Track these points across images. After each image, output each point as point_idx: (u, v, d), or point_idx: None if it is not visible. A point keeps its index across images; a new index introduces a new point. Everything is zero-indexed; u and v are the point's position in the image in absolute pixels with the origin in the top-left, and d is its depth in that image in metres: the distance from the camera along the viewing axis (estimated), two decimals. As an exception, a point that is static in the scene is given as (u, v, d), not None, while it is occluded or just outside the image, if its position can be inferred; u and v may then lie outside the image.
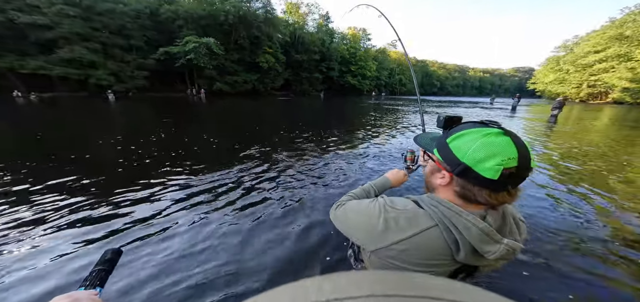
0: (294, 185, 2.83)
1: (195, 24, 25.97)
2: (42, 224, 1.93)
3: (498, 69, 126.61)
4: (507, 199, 0.47)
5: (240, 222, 2.02)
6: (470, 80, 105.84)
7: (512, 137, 0.46)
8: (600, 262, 1.67)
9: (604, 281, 1.50)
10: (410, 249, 0.51)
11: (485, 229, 0.47)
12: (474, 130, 0.48)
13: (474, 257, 0.49)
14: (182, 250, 1.66)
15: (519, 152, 0.44)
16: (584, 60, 41.11)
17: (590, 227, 2.11)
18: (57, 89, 20.98)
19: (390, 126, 7.70)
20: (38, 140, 4.79)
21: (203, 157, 3.84)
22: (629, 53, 33.54)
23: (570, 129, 8.41)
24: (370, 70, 48.26)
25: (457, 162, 0.48)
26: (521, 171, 0.44)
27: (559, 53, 50.69)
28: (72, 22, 19.49)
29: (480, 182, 0.46)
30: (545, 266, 1.60)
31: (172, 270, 1.48)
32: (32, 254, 1.61)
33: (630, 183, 3.26)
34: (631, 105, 30.27)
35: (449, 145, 0.50)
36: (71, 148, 4.12)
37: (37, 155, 3.73)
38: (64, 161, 3.46)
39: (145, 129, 6.18)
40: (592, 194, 2.82)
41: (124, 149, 4.17)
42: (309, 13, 42.06)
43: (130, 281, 1.39)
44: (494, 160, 0.44)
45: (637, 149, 5.47)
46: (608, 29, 38.56)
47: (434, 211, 0.51)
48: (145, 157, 3.72)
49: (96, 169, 3.12)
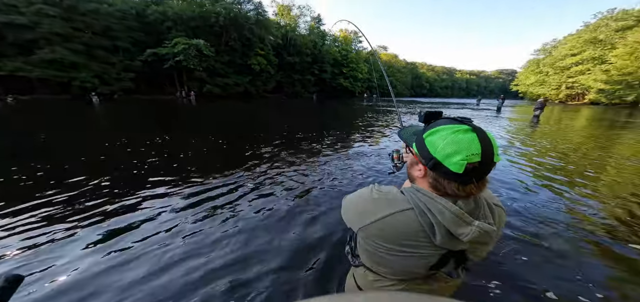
0: (293, 187, 2.86)
1: (184, 25, 25.43)
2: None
3: (483, 71, 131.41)
4: (474, 190, 0.51)
5: (241, 225, 2.03)
6: (458, 82, 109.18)
7: (478, 134, 0.49)
8: (577, 245, 1.84)
9: (580, 263, 1.65)
10: (386, 228, 0.56)
11: (456, 212, 0.50)
12: (447, 127, 0.52)
13: (451, 241, 0.52)
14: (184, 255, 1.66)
15: (482, 148, 0.47)
16: (562, 63, 43.36)
17: (572, 216, 2.28)
18: (37, 92, 19.95)
19: (385, 126, 7.86)
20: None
21: (191, 162, 3.80)
22: (603, 56, 35.65)
23: (551, 128, 8.88)
24: (361, 73, 48.82)
25: (430, 156, 0.52)
26: (484, 165, 0.48)
27: (539, 56, 53.21)
28: (52, 22, 18.63)
29: (449, 176, 0.50)
30: (540, 250, 1.75)
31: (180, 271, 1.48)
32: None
33: (606, 177, 3.51)
34: (606, 106, 32.09)
35: (425, 140, 0.55)
36: (41, 156, 3.96)
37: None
38: (26, 168, 3.32)
39: (128, 132, 6.01)
40: (572, 188, 3.02)
41: (93, 155, 4.05)
42: (301, 15, 42.18)
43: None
44: (459, 155, 0.47)
45: (612, 147, 5.87)
46: (583, 33, 40.90)
47: (412, 196, 0.56)
48: (121, 166, 3.60)
49: (58, 182, 2.83)
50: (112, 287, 1.37)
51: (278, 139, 5.50)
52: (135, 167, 3.40)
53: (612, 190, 3.03)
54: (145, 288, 1.37)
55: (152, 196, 2.52)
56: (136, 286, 1.39)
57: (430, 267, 0.59)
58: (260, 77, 32.38)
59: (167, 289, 1.37)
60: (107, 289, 1.36)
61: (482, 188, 0.52)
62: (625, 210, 2.48)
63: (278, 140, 5.35)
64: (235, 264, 1.57)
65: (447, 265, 0.59)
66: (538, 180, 3.31)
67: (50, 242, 1.76)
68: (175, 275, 1.47)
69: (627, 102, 31.09)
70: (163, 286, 1.39)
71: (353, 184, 3.02)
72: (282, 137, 5.65)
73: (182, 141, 5.08)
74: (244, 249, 1.72)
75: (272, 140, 5.34)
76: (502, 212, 0.63)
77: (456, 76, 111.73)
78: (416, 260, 0.57)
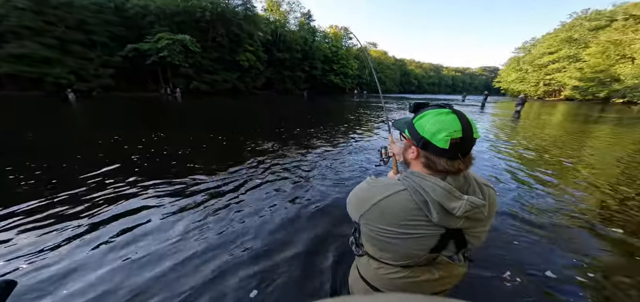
0: (295, 182, 2.83)
1: (168, 20, 24.33)
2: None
3: (468, 68, 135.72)
4: (461, 166, 0.57)
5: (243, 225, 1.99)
6: (445, 79, 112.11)
7: (458, 115, 0.57)
8: (553, 228, 1.95)
9: (556, 242, 1.76)
10: (385, 210, 0.60)
11: (446, 187, 0.55)
12: (431, 111, 0.60)
13: (446, 217, 0.56)
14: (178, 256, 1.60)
15: (462, 125, 0.55)
16: (540, 61, 45.62)
17: (556, 202, 2.41)
18: (6, 88, 18.49)
19: (376, 121, 7.95)
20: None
21: (184, 159, 3.67)
22: (578, 54, 37.82)
23: (531, 123, 9.34)
24: (352, 69, 49.00)
25: (419, 137, 0.59)
26: (465, 141, 0.55)
27: (519, 54, 55.68)
28: (21, 14, 17.27)
29: (437, 152, 0.56)
30: (531, 234, 1.83)
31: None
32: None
33: (582, 168, 3.74)
34: (580, 102, 34.18)
35: (414, 124, 0.62)
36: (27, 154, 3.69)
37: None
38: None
39: (104, 131, 5.72)
40: (551, 176, 3.19)
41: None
42: (291, 11, 41.58)
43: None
44: (443, 133, 0.54)
45: (588, 140, 6.27)
46: (560, 32, 43.16)
47: (405, 179, 0.62)
48: (90, 168, 3.45)
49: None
50: (117, 286, 1.31)
51: (273, 135, 5.42)
52: (131, 164, 3.24)
53: (588, 178, 3.23)
54: (153, 285, 1.32)
55: (155, 194, 2.42)
56: (141, 283, 1.33)
57: (431, 249, 0.61)
58: (249, 74, 31.72)
59: (171, 287, 1.33)
60: (112, 287, 1.29)
61: (468, 164, 0.58)
62: (599, 197, 2.66)
63: (274, 136, 5.28)
64: (239, 260, 1.54)
65: (447, 247, 0.62)
66: (522, 170, 3.47)
67: (53, 242, 1.65)
68: (180, 273, 1.42)
69: (599, 98, 33.26)
70: (168, 284, 1.34)
71: (353, 176, 3.05)
72: (278, 133, 5.58)
73: (173, 139, 4.89)
74: (246, 245, 1.69)
75: (268, 136, 5.26)
76: (492, 192, 0.66)
77: (443, 73, 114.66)
78: (416, 241, 0.60)
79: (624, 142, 5.88)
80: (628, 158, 4.41)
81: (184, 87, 25.16)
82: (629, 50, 28.95)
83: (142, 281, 1.40)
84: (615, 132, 7.58)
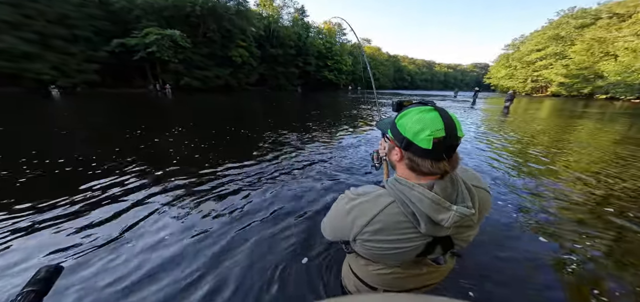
0: (296, 178, 2.80)
1: (156, 14, 23.49)
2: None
3: (459, 65, 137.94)
4: (447, 167, 0.53)
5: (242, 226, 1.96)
6: (437, 75, 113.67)
7: (440, 112, 0.53)
8: (542, 218, 2.00)
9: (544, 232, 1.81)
10: (379, 228, 0.56)
11: (434, 198, 0.51)
12: (413, 109, 0.56)
13: (434, 227, 0.53)
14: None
15: (445, 123, 0.51)
16: (528, 58, 46.77)
17: (544, 194, 2.48)
18: (-20, 86, 17.51)
19: (370, 118, 7.98)
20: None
21: (164, 159, 3.58)
22: (564, 51, 38.95)
23: (519, 118, 9.60)
24: (346, 65, 48.88)
25: (401, 137, 0.55)
26: (449, 139, 0.51)
27: (509, 51, 56.90)
28: (-2, 7, 16.32)
29: (420, 153, 0.53)
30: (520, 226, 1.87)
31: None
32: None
33: (569, 160, 3.87)
34: (566, 98, 35.36)
35: (397, 124, 0.58)
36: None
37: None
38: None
39: (89, 129, 5.52)
40: (542, 169, 3.29)
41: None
42: (284, 6, 40.92)
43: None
44: (426, 132, 0.51)
45: (573, 133, 6.48)
46: (547, 30, 44.28)
47: (392, 188, 0.57)
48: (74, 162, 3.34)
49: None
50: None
51: (270, 131, 5.35)
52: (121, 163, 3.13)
53: (575, 170, 3.35)
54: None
55: (147, 195, 2.34)
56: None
57: (418, 255, 0.60)
58: (242, 70, 31.17)
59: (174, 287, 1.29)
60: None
61: (454, 165, 0.55)
62: (586, 188, 2.76)
63: (270, 132, 5.21)
64: (239, 259, 1.50)
65: (434, 252, 0.60)
66: (512, 163, 3.57)
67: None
68: (177, 276, 1.38)
69: (583, 94, 34.49)
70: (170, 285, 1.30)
71: (354, 173, 3.05)
72: (274, 129, 5.51)
73: (166, 137, 4.76)
74: (246, 242, 1.66)
75: (265, 132, 5.19)
76: (485, 193, 0.63)
77: (435, 69, 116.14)
78: (405, 251, 0.58)
79: (608, 136, 6.12)
80: (611, 151, 4.60)
81: (174, 84, 24.51)
82: (612, 48, 30.05)
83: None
84: (597, 126, 7.89)
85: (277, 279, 1.42)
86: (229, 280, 1.40)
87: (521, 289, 1.41)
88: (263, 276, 1.43)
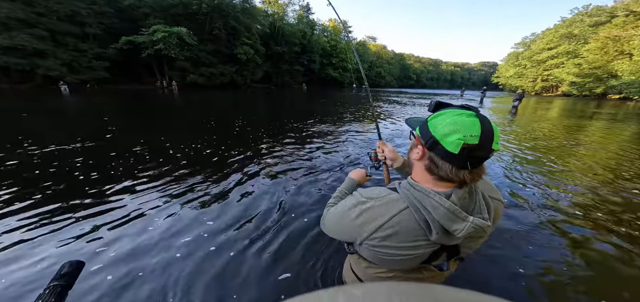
0: (297, 177, 2.83)
1: (164, 12, 23.82)
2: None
3: (467, 63, 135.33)
4: (467, 177, 0.49)
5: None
6: (444, 73, 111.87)
7: (480, 119, 0.48)
8: (551, 225, 1.97)
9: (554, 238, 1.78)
10: (390, 234, 0.54)
11: (450, 208, 0.49)
12: (450, 110, 0.53)
13: (446, 236, 0.51)
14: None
15: (482, 131, 0.47)
16: (539, 57, 45.56)
17: (550, 197, 2.44)
18: (-5, 81, 18.11)
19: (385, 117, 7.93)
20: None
21: (165, 157, 3.64)
22: (576, 50, 37.82)
23: (528, 118, 9.39)
24: (351, 63, 48.57)
25: (429, 136, 0.52)
26: (481, 149, 0.47)
27: (518, 49, 55.52)
28: (12, 6, 16.80)
29: (444, 156, 0.49)
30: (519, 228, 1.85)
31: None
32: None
33: (578, 162, 3.78)
34: (577, 98, 34.30)
35: (428, 123, 0.55)
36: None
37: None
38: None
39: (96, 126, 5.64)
40: (547, 171, 3.22)
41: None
42: (289, 3, 40.83)
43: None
44: (457, 135, 0.47)
45: (583, 135, 6.31)
46: (560, 28, 43.01)
47: (407, 193, 0.55)
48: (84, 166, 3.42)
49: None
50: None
51: (276, 129, 5.39)
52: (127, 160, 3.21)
53: (583, 174, 3.26)
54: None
55: (148, 194, 2.40)
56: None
57: (422, 262, 0.59)
58: (247, 67, 31.34)
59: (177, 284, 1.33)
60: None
61: (477, 178, 0.51)
62: (594, 193, 2.69)
63: (277, 130, 5.25)
64: (238, 259, 1.54)
65: (438, 259, 0.60)
66: (520, 164, 3.51)
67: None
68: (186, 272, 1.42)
69: (595, 94, 33.43)
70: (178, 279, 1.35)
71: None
72: (281, 127, 5.55)
73: (176, 135, 4.84)
74: (247, 239, 1.69)
75: (272, 131, 5.23)
76: (499, 205, 0.62)
77: (442, 68, 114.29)
78: (411, 259, 0.57)
79: (621, 137, 5.93)
80: (623, 153, 4.46)
81: (180, 80, 24.84)
82: (628, 47, 28.99)
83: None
84: (609, 127, 7.65)
85: (279, 273, 1.44)
86: (227, 278, 1.43)
87: (521, 289, 1.40)
88: (265, 272, 1.45)
